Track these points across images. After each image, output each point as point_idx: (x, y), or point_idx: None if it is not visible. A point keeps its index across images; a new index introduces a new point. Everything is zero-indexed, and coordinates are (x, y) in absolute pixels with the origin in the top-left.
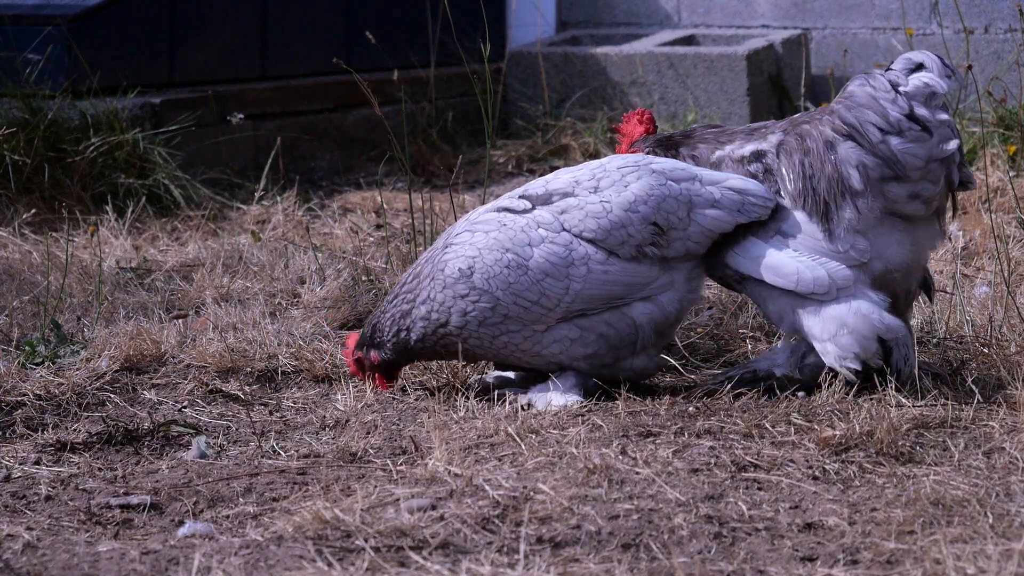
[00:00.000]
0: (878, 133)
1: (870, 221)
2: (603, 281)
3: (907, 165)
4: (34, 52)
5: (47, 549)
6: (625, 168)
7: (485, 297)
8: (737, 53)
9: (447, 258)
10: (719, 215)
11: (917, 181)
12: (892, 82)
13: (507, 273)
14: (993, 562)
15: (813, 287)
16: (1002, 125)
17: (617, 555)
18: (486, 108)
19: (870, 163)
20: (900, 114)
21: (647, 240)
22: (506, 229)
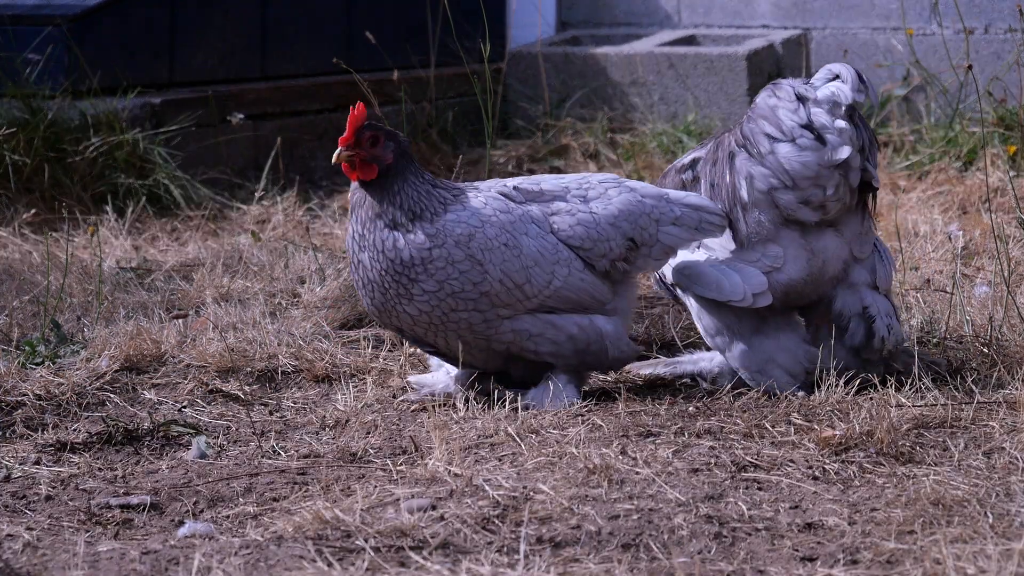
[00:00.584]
0: (767, 143)
1: (768, 231)
2: (579, 287)
3: (794, 174)
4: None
5: (47, 549)
6: (606, 182)
7: (475, 269)
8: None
9: (448, 216)
10: (679, 232)
11: (806, 189)
12: (797, 92)
13: (504, 251)
14: (993, 562)
15: (731, 295)
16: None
17: (617, 555)
18: (486, 108)
19: (756, 174)
20: (795, 123)
21: (622, 255)
22: (506, 212)
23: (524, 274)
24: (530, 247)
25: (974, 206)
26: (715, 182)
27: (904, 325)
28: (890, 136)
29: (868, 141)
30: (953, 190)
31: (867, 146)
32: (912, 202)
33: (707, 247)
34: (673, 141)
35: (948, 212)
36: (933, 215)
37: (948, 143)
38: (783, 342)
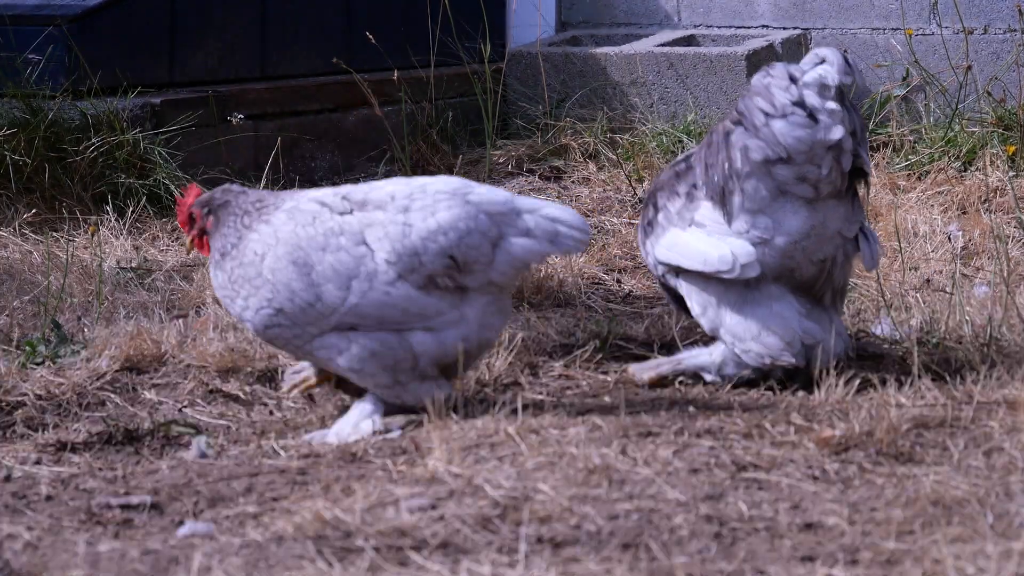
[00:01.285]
0: (762, 116)
1: (762, 201)
2: (381, 303)
3: (790, 148)
4: (34, 52)
5: (47, 549)
6: (441, 194)
7: (266, 287)
8: (737, 53)
9: (251, 236)
10: (530, 245)
11: (802, 164)
12: (790, 73)
13: (291, 269)
14: (993, 562)
15: (719, 265)
16: (1001, 125)
17: (617, 555)
18: (486, 108)
19: (752, 145)
20: (788, 100)
21: (440, 272)
22: (309, 227)
23: (313, 292)
24: (325, 263)
25: (973, 206)
26: (709, 161)
27: (904, 325)
28: (889, 136)
29: (859, 127)
30: (952, 190)
31: (858, 131)
32: (911, 202)
33: (699, 224)
34: (673, 141)
35: (947, 212)
36: (932, 215)
37: (947, 143)
38: (776, 309)
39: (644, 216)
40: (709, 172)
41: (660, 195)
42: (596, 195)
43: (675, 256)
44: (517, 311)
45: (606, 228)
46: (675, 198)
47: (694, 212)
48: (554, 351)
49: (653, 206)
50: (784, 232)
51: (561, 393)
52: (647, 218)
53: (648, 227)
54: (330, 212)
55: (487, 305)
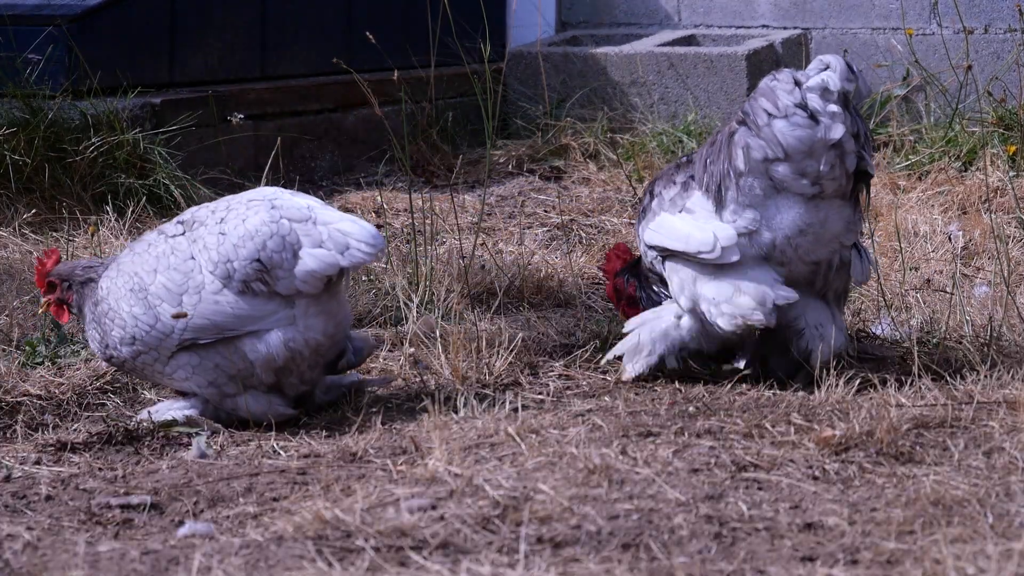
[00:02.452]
0: (765, 116)
1: (755, 197)
2: (213, 311)
3: (788, 147)
4: (34, 52)
5: (47, 549)
6: (252, 202)
7: (117, 319)
8: (737, 53)
9: (101, 281)
10: (324, 256)
11: (801, 161)
12: (795, 77)
13: (130, 297)
14: (993, 562)
15: (700, 245)
16: (1002, 125)
17: (617, 555)
18: (486, 108)
19: (754, 144)
20: (791, 102)
21: (252, 276)
22: (144, 254)
23: (152, 313)
24: (158, 284)
25: (974, 206)
26: (711, 158)
27: (904, 325)
28: (890, 136)
29: (863, 131)
30: (953, 190)
31: (862, 134)
32: (912, 202)
33: (689, 211)
34: (673, 141)
35: (948, 212)
36: (933, 215)
37: (948, 143)
38: (750, 274)
39: (640, 204)
40: (708, 166)
41: (658, 184)
42: (596, 195)
43: (660, 237)
44: (517, 311)
45: (606, 228)
46: (671, 186)
47: (686, 200)
48: (554, 351)
49: (649, 194)
50: (773, 227)
51: (561, 393)
52: (643, 205)
53: (642, 213)
54: (165, 237)
55: (308, 307)
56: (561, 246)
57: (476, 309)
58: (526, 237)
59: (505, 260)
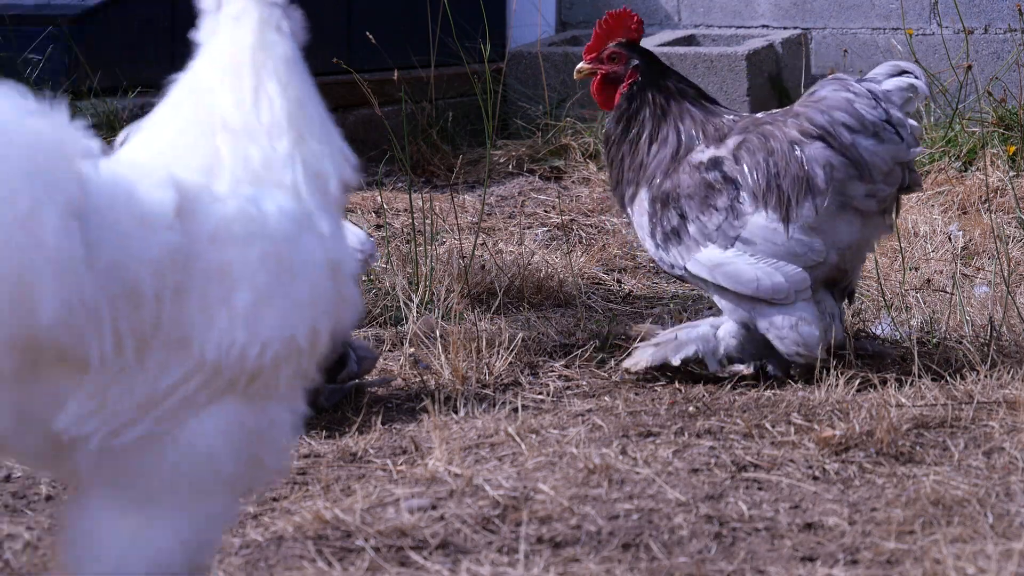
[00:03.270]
0: (848, 135)
1: (827, 217)
2: None
3: (873, 166)
4: (35, 52)
5: (47, 549)
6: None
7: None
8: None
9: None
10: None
11: (878, 182)
12: (871, 89)
13: None
14: (993, 562)
15: (772, 293)
16: (1002, 125)
17: (617, 555)
18: (486, 108)
19: (837, 163)
20: (878, 118)
21: None
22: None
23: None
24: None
25: (974, 206)
26: (778, 171)
27: (904, 325)
28: None
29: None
30: (953, 190)
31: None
32: (912, 202)
33: (746, 242)
34: None
35: (948, 212)
36: (933, 215)
37: (948, 143)
38: (818, 304)
39: (661, 217)
40: (773, 180)
41: (688, 203)
42: (596, 195)
43: (721, 277)
44: (517, 311)
45: (606, 228)
46: (711, 212)
47: (740, 229)
48: (554, 351)
49: (678, 213)
50: (837, 248)
51: (561, 393)
52: (668, 223)
53: (672, 234)
54: None
55: None
56: (561, 246)
57: (476, 309)
58: (526, 237)
59: (505, 260)
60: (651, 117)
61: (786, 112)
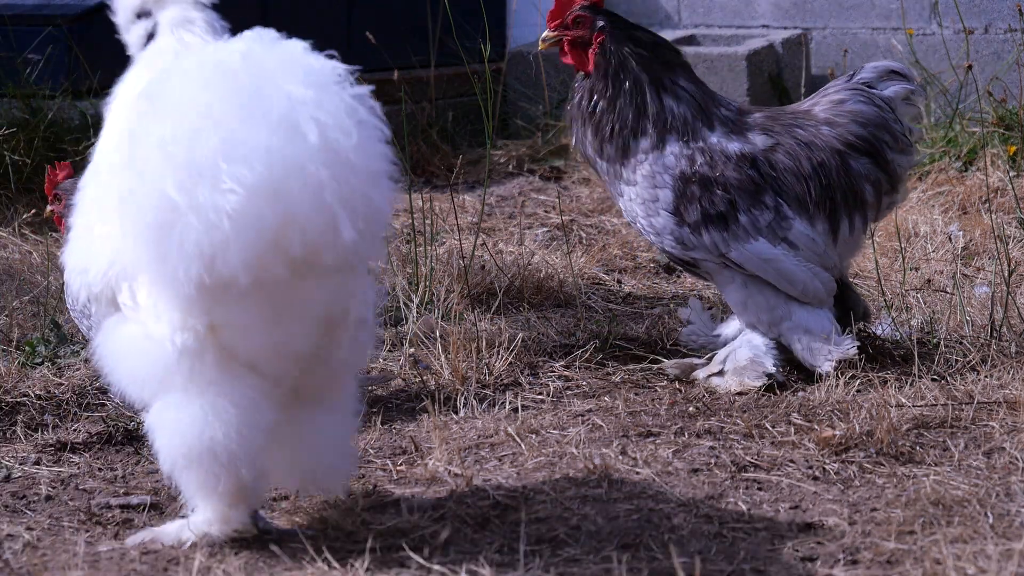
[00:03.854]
0: (890, 152)
1: (863, 228)
2: None
3: (900, 179)
4: (34, 52)
5: (47, 549)
6: None
7: None
8: (737, 53)
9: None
10: None
11: (899, 191)
12: (887, 100)
13: None
14: (993, 562)
15: (813, 296)
16: (1002, 125)
17: (617, 555)
18: (486, 108)
19: (882, 179)
20: (900, 132)
21: None
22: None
23: None
24: None
25: (974, 206)
26: (830, 183)
27: (904, 325)
28: None
29: None
30: (953, 190)
31: None
32: (912, 202)
33: (791, 244)
34: None
35: (948, 212)
36: (933, 215)
37: (948, 143)
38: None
39: (700, 198)
40: (826, 192)
41: (739, 195)
42: (596, 195)
43: (773, 273)
44: (517, 311)
45: (606, 228)
46: (762, 208)
47: (787, 231)
48: (554, 351)
49: (727, 200)
50: (859, 251)
51: (561, 393)
52: (713, 207)
53: (718, 219)
54: None
55: None
56: (561, 246)
57: (476, 309)
58: (526, 237)
59: (505, 260)
60: (640, 67)
61: (809, 115)
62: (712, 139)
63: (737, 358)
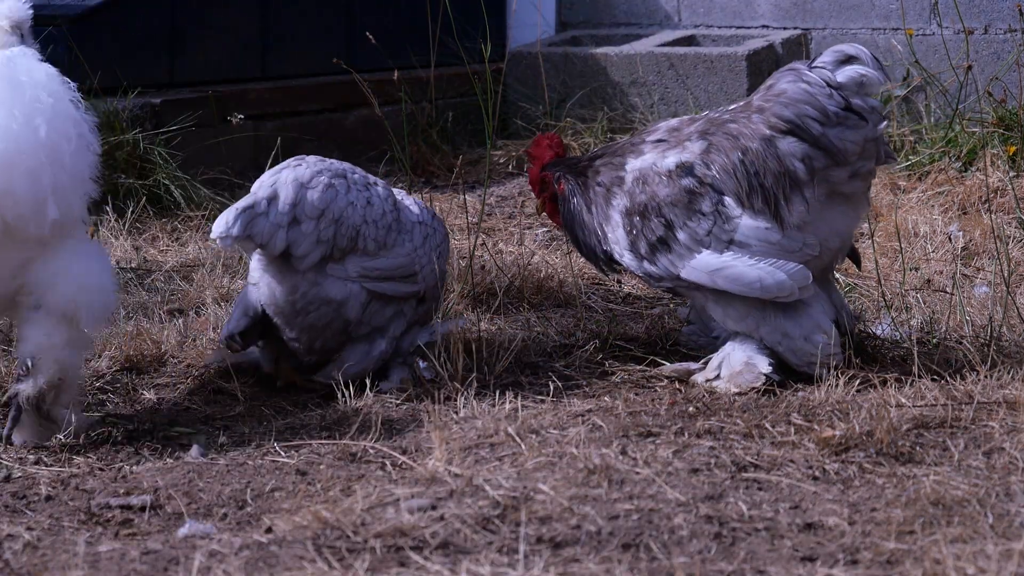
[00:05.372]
0: (819, 127)
1: (817, 208)
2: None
3: (847, 151)
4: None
5: (47, 549)
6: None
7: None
8: (737, 53)
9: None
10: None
11: (855, 162)
12: (825, 78)
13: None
14: (993, 562)
15: (777, 291)
16: (1002, 125)
17: (617, 555)
18: (486, 108)
19: (815, 155)
20: (838, 108)
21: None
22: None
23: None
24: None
25: (974, 206)
26: (758, 171)
27: (904, 325)
28: (890, 136)
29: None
30: (953, 190)
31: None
32: (912, 202)
33: (740, 244)
34: None
35: (948, 212)
36: (933, 215)
37: (948, 143)
38: (821, 302)
39: (643, 229)
40: (754, 180)
41: (672, 211)
42: None
43: (722, 281)
44: (517, 311)
45: None
46: (699, 217)
47: (732, 232)
48: (554, 351)
49: (663, 222)
50: (835, 237)
51: (561, 393)
52: (653, 233)
53: (660, 244)
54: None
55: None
56: (561, 246)
57: (476, 309)
58: (526, 237)
59: (505, 260)
60: (577, 190)
61: (746, 107)
62: (647, 161)
63: (732, 363)
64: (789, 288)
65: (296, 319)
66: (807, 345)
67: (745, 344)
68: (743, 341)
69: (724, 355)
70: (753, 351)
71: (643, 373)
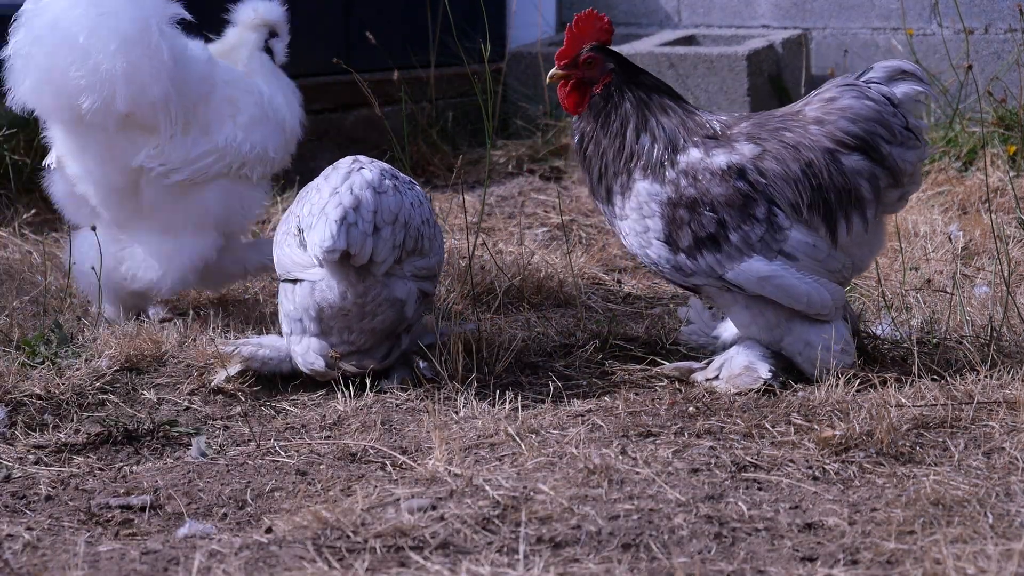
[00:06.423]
0: (887, 146)
1: (868, 226)
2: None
3: (904, 172)
4: None
5: (47, 549)
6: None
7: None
8: (737, 53)
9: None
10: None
11: (907, 185)
12: (887, 95)
13: None
14: (993, 562)
15: (820, 308)
16: (1002, 125)
17: (617, 555)
18: (486, 108)
19: (880, 174)
20: (901, 127)
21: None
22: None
23: None
24: None
25: (974, 206)
26: (821, 184)
27: (904, 325)
28: None
29: None
30: (953, 190)
31: None
32: (912, 202)
33: (788, 256)
34: None
35: (948, 212)
36: (933, 215)
37: (948, 143)
38: (841, 314)
39: (689, 222)
40: (817, 194)
41: (727, 212)
42: None
43: (772, 290)
44: (517, 311)
45: (606, 228)
46: (752, 222)
47: (782, 243)
48: (554, 351)
49: (716, 220)
50: (867, 258)
51: (561, 393)
52: (702, 229)
53: (708, 241)
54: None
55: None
56: (561, 246)
57: (476, 309)
58: (526, 237)
59: (505, 260)
60: (634, 109)
61: (799, 116)
62: (695, 157)
63: (732, 366)
64: (830, 307)
65: (362, 320)
66: (826, 355)
67: (750, 349)
68: (749, 346)
69: (727, 358)
70: (756, 357)
71: (643, 373)
